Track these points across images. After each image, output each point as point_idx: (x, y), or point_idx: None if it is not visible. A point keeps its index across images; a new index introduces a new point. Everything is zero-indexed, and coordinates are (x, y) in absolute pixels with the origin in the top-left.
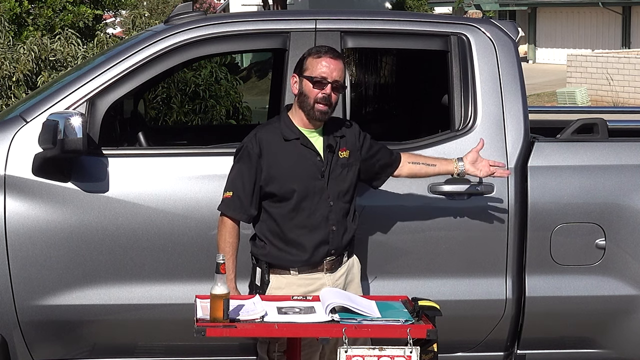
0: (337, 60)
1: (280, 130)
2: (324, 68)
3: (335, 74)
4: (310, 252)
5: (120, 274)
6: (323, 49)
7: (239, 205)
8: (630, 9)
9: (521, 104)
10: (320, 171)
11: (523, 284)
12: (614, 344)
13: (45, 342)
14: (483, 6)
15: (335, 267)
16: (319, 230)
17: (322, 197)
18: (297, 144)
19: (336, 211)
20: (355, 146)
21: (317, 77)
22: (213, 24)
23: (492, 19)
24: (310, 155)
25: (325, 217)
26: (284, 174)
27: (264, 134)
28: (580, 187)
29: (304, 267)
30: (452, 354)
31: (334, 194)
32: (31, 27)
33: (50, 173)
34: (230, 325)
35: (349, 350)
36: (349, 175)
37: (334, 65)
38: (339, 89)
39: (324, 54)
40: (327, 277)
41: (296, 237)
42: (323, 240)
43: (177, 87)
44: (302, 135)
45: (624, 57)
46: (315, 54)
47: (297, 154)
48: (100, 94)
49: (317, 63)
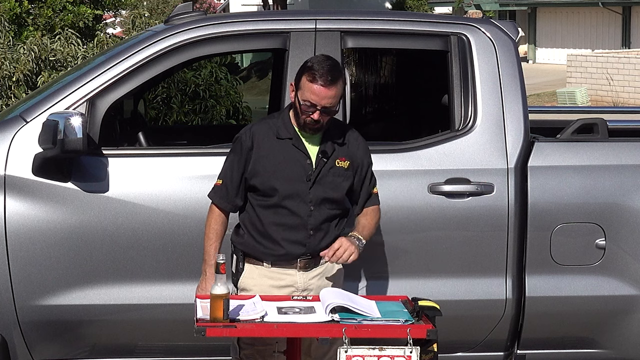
0: (330, 87)
1: (276, 127)
2: (313, 95)
3: (325, 101)
4: (284, 250)
5: (120, 274)
6: (319, 71)
7: (225, 194)
8: (630, 9)
9: (521, 104)
10: (307, 175)
11: (523, 284)
12: (614, 344)
13: (45, 342)
14: (483, 6)
15: (309, 267)
16: (296, 231)
17: (304, 200)
18: (288, 144)
19: (316, 216)
20: (356, 161)
21: (307, 102)
22: (213, 24)
23: (492, 19)
24: (300, 157)
25: (304, 220)
26: (269, 171)
27: (259, 127)
28: (580, 187)
29: (277, 261)
30: (452, 354)
31: (317, 199)
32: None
33: (50, 173)
34: (230, 325)
35: (349, 350)
36: (342, 184)
37: (325, 93)
38: (330, 112)
39: (318, 80)
40: (299, 275)
41: (273, 233)
42: (299, 242)
43: (177, 87)
44: (296, 135)
45: (624, 57)
46: (310, 76)
47: (286, 153)
48: (100, 94)
49: (309, 87)
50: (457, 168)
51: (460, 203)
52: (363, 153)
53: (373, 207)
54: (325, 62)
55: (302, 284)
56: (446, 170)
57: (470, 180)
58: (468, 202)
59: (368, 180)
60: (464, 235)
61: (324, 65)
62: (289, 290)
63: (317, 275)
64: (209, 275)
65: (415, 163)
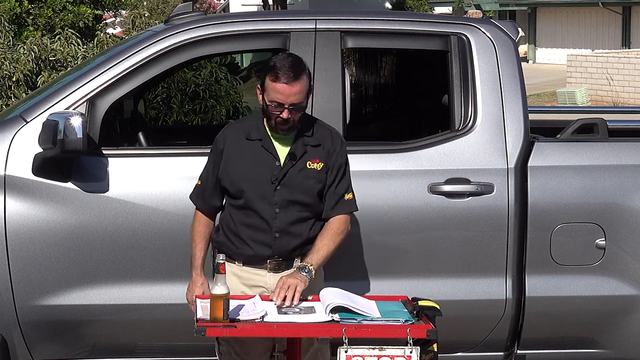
0: (294, 83)
1: (248, 129)
2: (278, 95)
3: (291, 99)
4: (253, 251)
5: (120, 274)
6: (281, 70)
7: (201, 195)
8: (630, 9)
9: (521, 104)
10: (273, 176)
11: (523, 284)
12: (614, 344)
13: (45, 342)
14: (483, 6)
15: (280, 269)
16: (262, 233)
17: (269, 202)
18: (257, 145)
19: (282, 219)
20: (330, 160)
21: (274, 102)
22: (213, 24)
23: (492, 19)
24: (268, 158)
25: (269, 223)
26: (237, 173)
27: (231, 129)
28: (580, 187)
29: (248, 261)
30: (452, 354)
31: (283, 201)
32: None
33: (50, 173)
34: (230, 325)
35: (349, 350)
36: (313, 187)
37: (290, 90)
38: (298, 109)
39: (280, 79)
40: (269, 276)
41: (242, 233)
42: (265, 243)
43: (177, 87)
44: (266, 137)
45: (624, 57)
46: (273, 76)
47: (255, 155)
48: (100, 94)
49: (272, 88)
50: (457, 168)
51: (460, 203)
52: (338, 154)
53: (337, 219)
54: (287, 59)
55: (272, 285)
56: (446, 170)
57: (470, 180)
58: (468, 202)
59: (336, 183)
60: (464, 235)
61: (285, 63)
62: (259, 290)
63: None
64: (194, 277)
65: (415, 163)
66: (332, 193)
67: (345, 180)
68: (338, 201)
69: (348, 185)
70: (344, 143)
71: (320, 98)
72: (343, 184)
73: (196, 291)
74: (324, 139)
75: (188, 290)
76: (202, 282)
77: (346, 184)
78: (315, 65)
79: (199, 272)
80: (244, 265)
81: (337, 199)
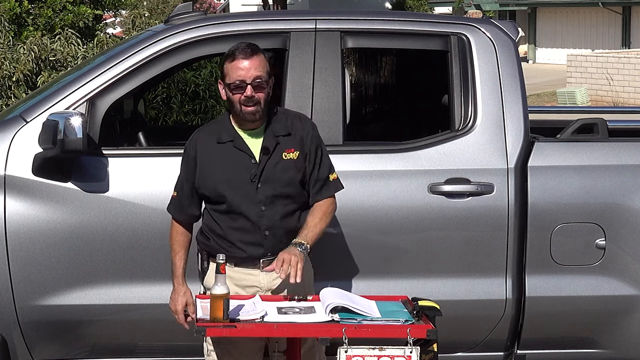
0: (252, 57)
1: (217, 132)
2: (239, 71)
3: (252, 72)
4: (245, 253)
5: (120, 274)
6: (237, 50)
7: (178, 205)
8: (630, 9)
9: (521, 104)
10: (251, 175)
11: (523, 284)
12: (614, 344)
13: (45, 342)
14: (483, 6)
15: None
16: (251, 233)
17: (253, 202)
18: (230, 147)
19: (269, 216)
20: (306, 149)
21: (235, 81)
22: (213, 24)
23: (492, 19)
24: (243, 158)
25: (257, 222)
26: (214, 178)
27: (201, 134)
28: (580, 187)
29: (240, 262)
30: (452, 354)
31: (267, 198)
32: (31, 27)
33: (50, 173)
34: (230, 325)
35: (349, 350)
36: (294, 177)
37: (250, 64)
38: (263, 84)
39: (237, 55)
40: (262, 276)
41: (231, 237)
42: (256, 243)
43: (177, 87)
44: (237, 137)
45: (624, 57)
46: (230, 58)
47: (228, 157)
48: (100, 94)
49: (232, 67)
50: (457, 168)
51: (460, 203)
52: (312, 138)
53: (325, 202)
54: (241, 44)
55: (266, 284)
56: (446, 170)
57: (470, 180)
58: (468, 202)
59: (317, 167)
60: (464, 235)
61: (239, 45)
62: (253, 290)
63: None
64: (176, 286)
65: (415, 163)
66: (316, 178)
67: (326, 162)
68: (324, 185)
69: (329, 166)
70: (315, 125)
71: (320, 98)
72: (324, 167)
73: (179, 301)
74: (293, 127)
75: (171, 300)
76: (184, 291)
77: (327, 165)
78: (315, 65)
79: (181, 281)
80: (235, 267)
81: (322, 183)
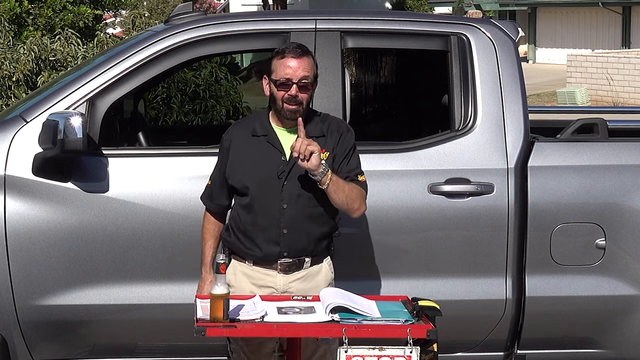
0: (302, 58)
1: (253, 125)
2: (287, 69)
3: (300, 72)
4: (262, 252)
5: (120, 274)
6: (288, 48)
7: (210, 194)
8: (630, 9)
9: (521, 104)
10: (279, 171)
11: (523, 284)
12: (614, 344)
13: (45, 342)
14: (483, 6)
15: (290, 270)
16: (269, 230)
17: (275, 198)
18: (263, 141)
19: (291, 214)
20: (336, 147)
21: (281, 79)
22: (213, 24)
23: (492, 19)
24: (274, 153)
25: (277, 219)
26: (243, 170)
27: (238, 127)
28: (580, 187)
29: (258, 261)
30: (452, 354)
31: (291, 196)
32: (31, 27)
33: (50, 173)
34: (230, 325)
35: (349, 350)
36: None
37: (298, 64)
38: (308, 86)
39: (288, 54)
40: (279, 277)
41: (250, 233)
42: (273, 241)
43: (177, 87)
44: (271, 132)
45: (624, 57)
46: (279, 55)
47: (260, 151)
48: (100, 94)
49: (280, 64)
50: (457, 168)
51: (460, 203)
52: (344, 139)
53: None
54: (293, 43)
55: (282, 286)
56: (446, 170)
57: (470, 180)
58: (468, 202)
59: (345, 163)
60: (464, 235)
61: (292, 44)
62: (269, 290)
63: (299, 279)
64: (203, 275)
65: (415, 163)
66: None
67: (353, 163)
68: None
69: (357, 167)
70: (351, 130)
71: (320, 98)
72: (353, 165)
73: (205, 289)
74: (328, 129)
75: (198, 288)
76: (211, 279)
77: (354, 166)
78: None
79: (208, 270)
80: (254, 265)
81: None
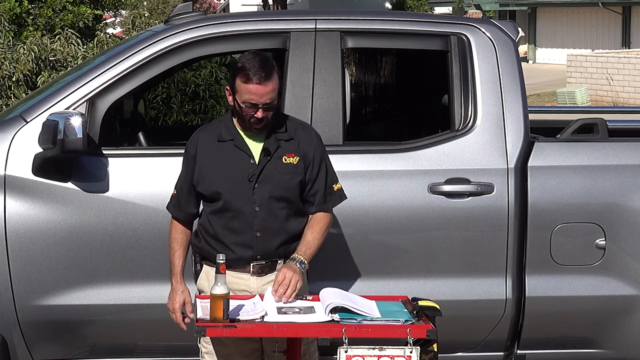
0: (266, 83)
1: (218, 131)
2: (252, 95)
3: (264, 98)
4: (235, 255)
5: (120, 274)
6: (251, 71)
7: (177, 203)
8: (630, 9)
9: (521, 104)
10: (249, 174)
11: (523, 284)
12: (614, 344)
13: (45, 342)
14: (483, 6)
15: (264, 272)
16: (242, 234)
17: (247, 201)
18: (230, 146)
19: (263, 217)
20: (308, 157)
21: (247, 103)
22: (213, 24)
23: (492, 19)
24: (242, 157)
25: (249, 222)
26: (212, 176)
27: (202, 133)
28: (580, 187)
29: (231, 265)
30: (452, 354)
31: (263, 199)
32: (31, 27)
33: (50, 173)
34: (230, 325)
35: (349, 350)
36: (291, 181)
37: (262, 90)
38: (273, 104)
39: (252, 78)
40: (253, 280)
41: (223, 237)
42: (246, 245)
43: (177, 87)
44: (238, 136)
45: (624, 57)
46: (243, 77)
47: (228, 155)
48: (100, 94)
49: (245, 89)
50: (457, 168)
51: (460, 203)
52: (315, 148)
53: (325, 216)
54: (255, 59)
55: (256, 289)
56: (446, 170)
57: (470, 180)
58: (468, 202)
59: (323, 176)
60: (464, 235)
61: (254, 63)
62: (243, 294)
63: (272, 280)
64: (174, 285)
65: (415, 163)
66: (321, 188)
67: (330, 172)
68: (328, 195)
69: (333, 175)
70: (319, 135)
71: (320, 98)
72: (329, 176)
73: (177, 299)
74: (296, 133)
75: (169, 299)
76: (182, 289)
77: (332, 175)
78: (315, 65)
79: (179, 280)
80: (227, 270)
81: (327, 192)
